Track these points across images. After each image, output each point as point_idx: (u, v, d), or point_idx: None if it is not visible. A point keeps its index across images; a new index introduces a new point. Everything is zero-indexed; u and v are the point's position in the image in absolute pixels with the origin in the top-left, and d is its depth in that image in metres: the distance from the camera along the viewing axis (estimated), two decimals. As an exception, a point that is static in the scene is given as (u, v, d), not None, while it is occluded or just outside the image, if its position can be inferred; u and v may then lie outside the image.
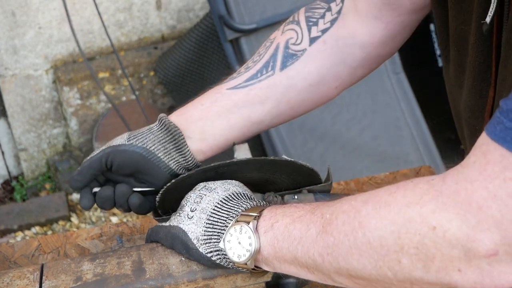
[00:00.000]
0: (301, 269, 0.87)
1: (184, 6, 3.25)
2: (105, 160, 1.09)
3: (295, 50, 1.12)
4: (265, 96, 1.12)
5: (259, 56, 1.14)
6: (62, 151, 3.33)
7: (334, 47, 1.12)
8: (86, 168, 1.09)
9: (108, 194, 1.10)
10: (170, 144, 1.10)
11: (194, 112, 1.11)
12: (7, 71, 3.06)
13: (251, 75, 1.12)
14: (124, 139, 1.10)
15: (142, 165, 1.09)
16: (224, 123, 1.11)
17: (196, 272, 0.99)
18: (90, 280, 0.98)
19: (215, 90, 1.13)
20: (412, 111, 2.77)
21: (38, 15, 3.00)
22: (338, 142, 2.69)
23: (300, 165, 1.09)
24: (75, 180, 1.10)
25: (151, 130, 1.10)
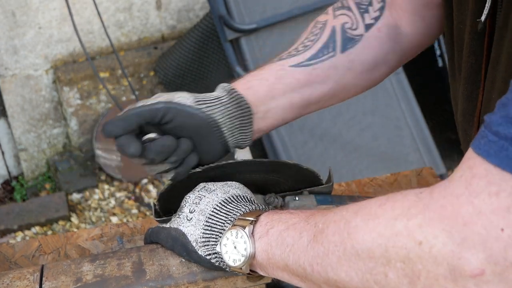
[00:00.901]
0: (293, 276, 0.86)
1: (184, 6, 3.24)
2: (162, 114, 1.00)
3: (353, 35, 1.12)
4: (326, 76, 1.10)
5: (315, 35, 1.12)
6: (62, 151, 3.33)
7: (388, 35, 1.13)
8: (134, 116, 0.99)
9: (172, 144, 1.01)
10: (237, 120, 1.05)
11: (260, 88, 1.07)
12: (7, 71, 3.06)
13: (313, 54, 1.10)
14: (190, 100, 1.02)
15: (202, 134, 1.03)
16: (287, 102, 1.09)
17: (196, 273, 0.99)
18: (90, 281, 0.98)
19: (277, 65, 1.10)
20: (412, 111, 2.77)
21: (38, 15, 3.00)
22: (338, 142, 2.69)
23: (301, 168, 1.09)
24: (115, 125, 0.99)
25: (220, 100, 1.04)
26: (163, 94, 1.03)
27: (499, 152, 0.66)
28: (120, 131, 0.99)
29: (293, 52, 1.11)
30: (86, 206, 3.17)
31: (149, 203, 3.17)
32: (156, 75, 3.22)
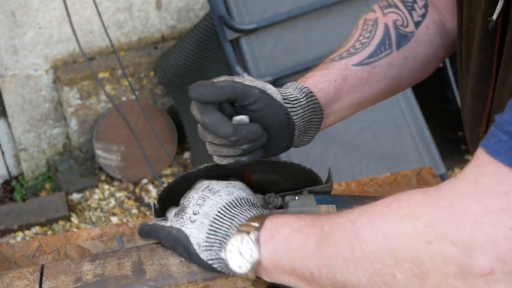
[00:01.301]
0: (300, 280, 0.86)
1: (184, 6, 3.24)
2: (255, 100, 0.97)
3: (406, 31, 1.13)
4: (384, 74, 1.11)
5: (369, 33, 1.13)
6: (62, 151, 3.33)
7: (435, 31, 1.14)
8: (229, 88, 0.95)
9: (259, 134, 0.98)
10: (308, 124, 1.05)
11: (329, 90, 1.06)
12: (7, 71, 3.06)
13: (371, 52, 1.11)
14: (279, 96, 1.00)
15: (278, 132, 1.01)
16: (349, 101, 1.10)
17: (196, 273, 0.99)
18: (90, 281, 0.98)
19: (341, 64, 1.09)
20: (412, 110, 2.77)
21: (38, 15, 3.00)
22: (338, 142, 2.69)
23: (301, 167, 1.09)
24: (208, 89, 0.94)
25: (299, 102, 1.03)
26: (252, 78, 1.01)
27: (509, 151, 0.66)
28: (211, 97, 0.95)
29: (351, 50, 1.11)
30: (86, 206, 3.17)
31: (149, 203, 3.17)
32: (156, 75, 3.22)
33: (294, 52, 2.72)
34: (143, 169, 3.25)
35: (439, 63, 1.19)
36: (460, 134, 3.35)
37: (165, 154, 3.19)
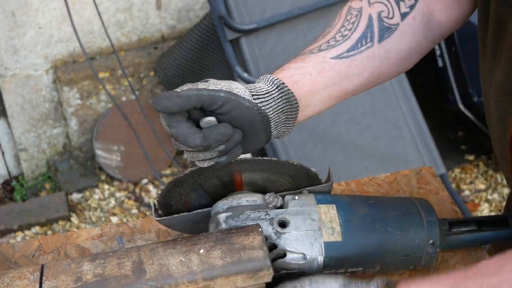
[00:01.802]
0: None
1: (184, 6, 3.24)
2: (222, 103, 0.96)
3: (390, 24, 1.12)
4: (364, 67, 1.10)
5: (352, 24, 1.12)
6: (62, 151, 3.33)
7: (421, 23, 1.13)
8: (194, 97, 0.95)
9: (230, 133, 0.98)
10: (284, 115, 1.04)
11: (304, 82, 1.06)
12: (7, 71, 3.06)
13: (352, 45, 1.10)
14: (247, 94, 1.00)
15: (252, 128, 1.01)
16: (326, 95, 1.09)
17: (196, 273, 0.99)
18: (90, 281, 0.98)
19: (318, 57, 1.09)
20: (412, 111, 2.77)
21: (38, 15, 3.00)
22: (338, 143, 2.69)
23: (301, 167, 1.09)
24: (172, 101, 0.93)
25: (271, 95, 1.02)
26: (217, 81, 1.00)
27: None
28: (176, 108, 0.94)
29: (331, 42, 1.11)
30: (86, 206, 3.17)
31: (149, 203, 3.18)
32: (156, 75, 3.22)
33: (294, 52, 2.70)
34: (143, 169, 3.25)
35: (422, 55, 1.18)
36: (460, 134, 3.35)
37: (165, 154, 3.19)
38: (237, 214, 1.07)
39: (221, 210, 1.09)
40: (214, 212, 1.10)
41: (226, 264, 1.00)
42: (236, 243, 1.03)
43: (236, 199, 1.09)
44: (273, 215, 1.07)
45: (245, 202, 1.09)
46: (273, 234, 1.06)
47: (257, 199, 1.09)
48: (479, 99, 3.04)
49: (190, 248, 1.02)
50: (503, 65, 0.96)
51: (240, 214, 1.07)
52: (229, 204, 1.09)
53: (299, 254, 1.05)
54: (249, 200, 1.09)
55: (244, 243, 1.02)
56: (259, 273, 1.01)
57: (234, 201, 1.09)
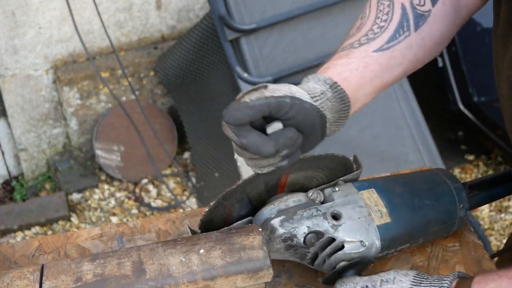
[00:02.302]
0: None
1: (184, 6, 3.24)
2: (288, 109, 0.97)
3: (422, 11, 1.12)
4: (403, 57, 1.11)
5: (386, 15, 1.12)
6: (62, 151, 3.33)
7: (450, 8, 1.14)
8: (264, 106, 0.95)
9: (295, 137, 0.98)
10: (337, 114, 1.04)
11: (352, 78, 1.06)
12: (7, 71, 3.06)
13: (390, 36, 1.10)
14: (308, 97, 1.00)
15: (312, 131, 1.01)
16: (371, 88, 1.09)
17: (196, 272, 0.99)
18: (90, 281, 0.98)
19: (361, 51, 1.08)
20: (412, 111, 2.77)
21: (38, 15, 3.00)
22: (338, 142, 2.69)
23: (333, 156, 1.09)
24: (242, 112, 0.93)
25: (326, 95, 1.02)
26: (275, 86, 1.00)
27: None
28: (247, 119, 0.94)
29: (370, 35, 1.10)
30: (86, 206, 3.17)
31: (149, 203, 3.18)
32: (156, 75, 3.22)
33: (294, 52, 2.72)
34: (143, 169, 3.25)
35: (450, 40, 1.19)
36: (460, 134, 3.35)
37: (165, 154, 3.19)
38: (290, 216, 1.07)
39: (272, 216, 1.08)
40: (262, 219, 1.10)
41: (226, 264, 1.00)
42: (236, 243, 1.02)
43: (283, 201, 1.09)
44: (324, 210, 1.08)
45: (292, 203, 1.09)
46: (330, 228, 1.07)
47: (302, 198, 1.10)
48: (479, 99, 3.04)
49: (190, 248, 1.02)
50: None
51: (293, 215, 1.07)
52: (277, 208, 1.09)
53: (357, 242, 1.06)
54: (295, 200, 1.09)
55: (244, 243, 1.02)
56: (259, 273, 1.01)
57: (281, 204, 1.09)
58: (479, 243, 1.21)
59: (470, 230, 1.24)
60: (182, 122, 3.19)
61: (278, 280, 1.14)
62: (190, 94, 3.11)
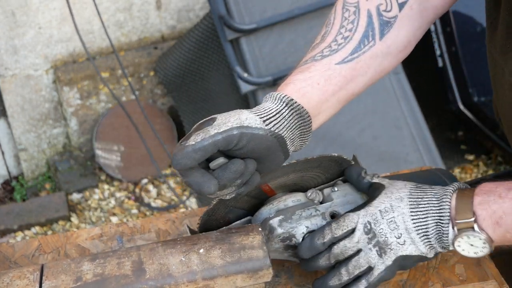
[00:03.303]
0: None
1: (184, 6, 3.25)
2: (237, 141, 0.96)
3: (388, 17, 1.10)
4: (368, 67, 1.10)
5: (352, 23, 1.10)
6: (62, 151, 3.33)
7: (417, 12, 1.12)
8: (210, 146, 0.94)
9: (242, 168, 0.97)
10: (298, 130, 1.04)
11: (313, 93, 1.05)
12: (7, 71, 3.06)
13: (354, 47, 1.09)
14: (259, 121, 0.98)
15: (269, 153, 1.00)
16: (335, 101, 1.09)
17: (196, 272, 0.99)
18: (90, 281, 0.98)
19: (323, 64, 1.07)
20: (412, 111, 2.77)
21: (38, 15, 3.00)
22: (338, 142, 2.69)
23: (321, 157, 1.09)
24: (188, 157, 0.93)
25: (281, 114, 1.01)
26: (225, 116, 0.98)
27: None
28: (195, 163, 0.94)
29: (334, 46, 1.09)
30: (86, 206, 3.17)
31: (149, 203, 3.18)
32: (156, 75, 3.22)
33: (294, 52, 2.72)
34: (143, 169, 3.25)
35: (417, 42, 1.17)
36: (460, 134, 3.35)
37: (165, 154, 3.19)
38: (289, 216, 1.07)
39: (271, 216, 1.08)
40: (261, 219, 1.10)
41: (226, 264, 1.00)
42: (236, 242, 1.03)
43: (282, 201, 1.09)
44: (323, 209, 1.08)
45: (291, 203, 1.09)
46: None
47: (301, 198, 1.10)
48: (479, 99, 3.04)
49: (190, 247, 1.02)
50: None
51: (292, 215, 1.07)
52: (276, 208, 1.09)
53: None
54: (294, 200, 1.09)
55: (244, 243, 1.02)
56: (259, 272, 1.01)
57: (280, 204, 1.09)
58: (479, 243, 1.21)
59: (470, 230, 1.24)
60: (182, 122, 3.19)
61: (278, 280, 1.14)
62: (190, 94, 3.11)
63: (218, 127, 0.95)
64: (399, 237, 0.99)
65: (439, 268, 1.15)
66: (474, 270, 1.14)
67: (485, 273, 1.13)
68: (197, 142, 0.94)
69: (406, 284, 1.12)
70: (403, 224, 1.00)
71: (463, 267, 1.15)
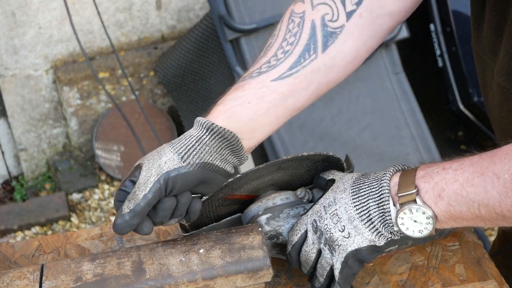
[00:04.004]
0: (482, 221, 0.91)
1: (184, 6, 3.24)
2: (164, 189, 0.99)
3: (334, 28, 1.06)
4: (309, 81, 1.07)
5: (294, 36, 1.07)
6: (62, 151, 3.33)
7: (368, 20, 1.07)
8: (145, 208, 0.98)
9: (173, 204, 1.01)
10: (226, 150, 1.03)
11: (243, 112, 1.04)
12: (7, 71, 3.06)
13: (294, 62, 1.06)
14: (177, 160, 1.00)
15: (202, 179, 1.02)
16: (273, 117, 1.07)
17: (196, 272, 0.99)
18: (90, 281, 0.98)
19: (258, 82, 1.05)
20: (412, 111, 2.77)
21: (38, 15, 3.00)
22: (338, 142, 2.69)
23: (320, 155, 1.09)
24: (128, 224, 0.98)
25: (202, 141, 1.01)
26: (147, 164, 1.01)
27: None
28: (133, 228, 0.99)
29: (272, 62, 1.06)
30: (86, 206, 3.17)
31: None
32: (156, 75, 3.22)
33: (294, 52, 2.71)
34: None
35: (370, 53, 1.12)
36: (460, 134, 3.35)
37: (165, 154, 3.18)
38: (277, 214, 1.08)
39: (259, 213, 1.09)
40: (249, 216, 1.10)
41: (226, 264, 1.00)
42: (236, 242, 1.03)
43: (270, 199, 1.10)
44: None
45: (280, 201, 1.09)
46: None
47: (290, 196, 1.10)
48: (479, 99, 3.04)
49: (190, 247, 1.02)
50: (505, 44, 0.96)
51: (279, 213, 1.08)
52: (265, 206, 1.09)
53: None
54: (283, 198, 1.10)
55: (244, 243, 1.02)
56: (259, 272, 1.01)
57: (269, 202, 1.10)
58: (479, 242, 1.21)
59: (470, 229, 1.24)
60: (182, 122, 3.19)
61: (278, 280, 1.14)
62: (190, 94, 3.11)
63: (144, 187, 0.98)
64: (343, 230, 0.97)
65: (439, 268, 1.15)
66: (474, 270, 1.14)
67: (485, 273, 1.13)
68: (131, 211, 0.98)
69: (406, 284, 1.13)
70: (345, 215, 0.98)
71: (463, 267, 1.15)
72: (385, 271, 1.15)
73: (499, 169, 0.87)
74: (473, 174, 0.90)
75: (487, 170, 0.88)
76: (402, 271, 1.15)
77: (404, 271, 1.15)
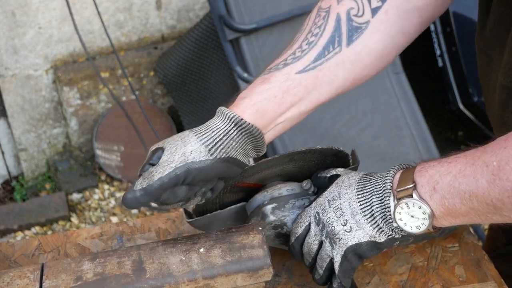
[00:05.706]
0: (477, 216, 0.90)
1: (184, 6, 3.25)
2: (183, 179, 0.99)
3: (359, 23, 1.06)
4: (333, 75, 1.06)
5: (319, 28, 1.07)
6: (62, 151, 3.33)
7: (395, 16, 1.07)
8: (157, 189, 0.98)
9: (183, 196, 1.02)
10: (250, 145, 1.04)
11: (269, 107, 1.04)
12: (7, 71, 3.06)
13: (318, 53, 1.06)
14: (204, 152, 1.00)
15: (222, 173, 1.03)
16: (296, 111, 1.07)
17: (197, 271, 1.00)
18: (90, 280, 0.98)
19: (283, 74, 1.05)
20: (412, 111, 2.77)
21: (38, 15, 3.00)
22: (338, 142, 2.69)
23: (331, 149, 1.09)
24: (137, 199, 0.99)
25: (230, 136, 1.01)
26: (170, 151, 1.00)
27: None
28: (144, 204, 1.00)
29: (297, 53, 1.07)
30: (86, 206, 3.17)
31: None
32: (156, 75, 3.22)
33: (294, 52, 2.71)
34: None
35: (400, 50, 1.12)
36: (460, 134, 3.35)
37: (165, 154, 3.19)
38: (282, 204, 1.08)
39: (264, 203, 1.10)
40: (255, 205, 1.11)
41: (226, 263, 1.00)
42: (236, 242, 1.03)
43: (276, 190, 1.10)
44: None
45: (285, 192, 1.10)
46: None
47: (295, 188, 1.10)
48: (479, 99, 3.04)
49: (190, 247, 1.02)
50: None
51: (285, 204, 1.08)
52: (271, 196, 1.10)
53: None
54: (289, 189, 1.10)
55: (244, 242, 1.02)
56: (259, 272, 1.01)
57: (275, 192, 1.10)
58: (479, 244, 1.21)
59: (470, 230, 1.24)
60: (182, 122, 3.19)
61: (278, 279, 1.14)
62: (190, 94, 3.11)
63: (162, 170, 0.98)
64: (345, 224, 0.98)
65: (439, 269, 1.16)
66: (474, 271, 1.14)
67: (485, 274, 1.13)
68: (143, 188, 0.99)
69: (406, 284, 1.13)
70: (348, 209, 0.98)
71: (463, 268, 1.15)
72: (385, 272, 1.15)
73: (489, 158, 0.86)
74: (465, 165, 0.89)
75: (479, 159, 0.88)
76: (402, 272, 1.15)
77: (404, 272, 1.15)
